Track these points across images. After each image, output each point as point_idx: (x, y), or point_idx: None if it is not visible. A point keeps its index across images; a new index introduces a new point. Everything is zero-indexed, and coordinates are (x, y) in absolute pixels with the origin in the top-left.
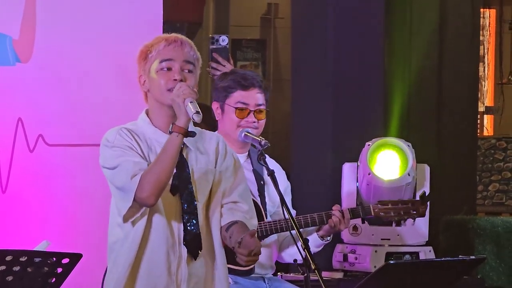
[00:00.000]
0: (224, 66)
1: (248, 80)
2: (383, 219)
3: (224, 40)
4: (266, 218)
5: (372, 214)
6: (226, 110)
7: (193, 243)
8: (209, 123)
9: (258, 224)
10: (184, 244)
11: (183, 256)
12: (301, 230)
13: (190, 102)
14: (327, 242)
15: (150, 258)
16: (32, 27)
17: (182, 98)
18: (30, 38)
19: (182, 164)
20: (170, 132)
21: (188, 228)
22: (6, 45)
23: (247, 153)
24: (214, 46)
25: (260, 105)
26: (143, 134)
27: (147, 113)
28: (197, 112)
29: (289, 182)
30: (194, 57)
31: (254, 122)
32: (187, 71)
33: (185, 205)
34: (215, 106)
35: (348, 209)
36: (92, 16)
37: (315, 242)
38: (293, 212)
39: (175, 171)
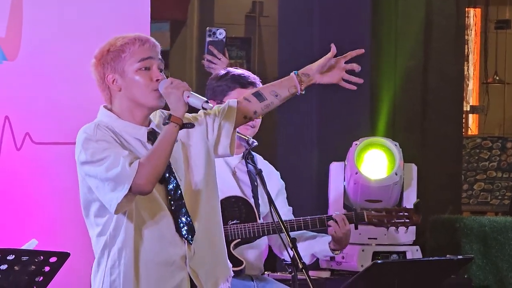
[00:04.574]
0: (219, 59)
1: (246, 78)
2: (376, 226)
3: (221, 34)
4: (259, 219)
5: (366, 220)
6: None
7: (186, 227)
8: None
9: (251, 225)
10: (177, 231)
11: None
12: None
13: (191, 93)
14: (336, 255)
15: (158, 249)
16: (18, 25)
17: (182, 90)
18: (16, 36)
19: None
20: (167, 123)
21: (178, 213)
22: None
23: (242, 154)
24: (211, 39)
25: None
26: (113, 130)
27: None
28: (207, 101)
29: (283, 182)
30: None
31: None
32: (161, 71)
33: (170, 187)
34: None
35: (343, 214)
36: (79, 14)
37: (324, 253)
38: (290, 209)
39: None
